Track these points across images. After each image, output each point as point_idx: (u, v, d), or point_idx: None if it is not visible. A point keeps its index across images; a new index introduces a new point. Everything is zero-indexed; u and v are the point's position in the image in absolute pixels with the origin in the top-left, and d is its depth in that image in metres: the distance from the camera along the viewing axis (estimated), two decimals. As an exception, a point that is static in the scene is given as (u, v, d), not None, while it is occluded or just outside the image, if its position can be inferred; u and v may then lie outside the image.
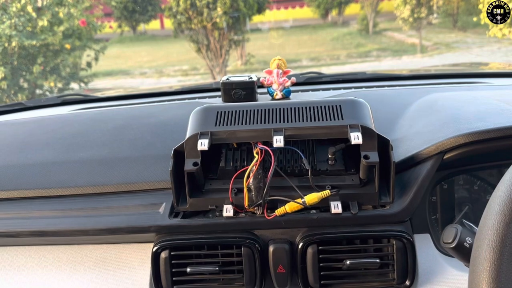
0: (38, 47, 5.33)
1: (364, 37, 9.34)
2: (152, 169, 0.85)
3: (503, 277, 0.47)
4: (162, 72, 8.25)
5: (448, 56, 7.07)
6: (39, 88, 5.59)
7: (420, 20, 7.81)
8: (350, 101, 0.79)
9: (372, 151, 0.73)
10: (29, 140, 0.98)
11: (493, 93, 1.03)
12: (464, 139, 0.74)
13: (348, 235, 0.75)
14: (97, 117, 1.08)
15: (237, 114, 0.78)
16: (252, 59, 7.58)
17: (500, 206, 0.50)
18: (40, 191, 0.84)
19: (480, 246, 0.49)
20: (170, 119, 1.00)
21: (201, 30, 6.46)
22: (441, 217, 0.82)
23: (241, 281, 0.76)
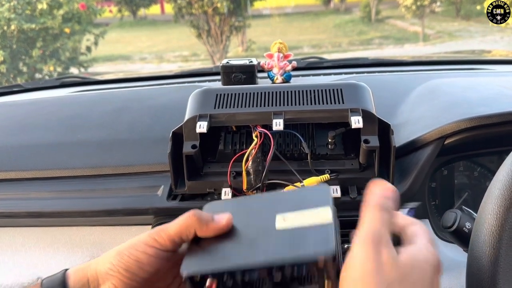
0: (37, 30, 5.28)
1: (366, 24, 9.26)
2: (150, 151, 0.85)
3: (502, 262, 0.47)
4: (162, 57, 8.20)
5: (451, 45, 7.02)
6: (39, 72, 5.56)
7: (423, 8, 7.73)
8: (351, 85, 0.78)
9: (373, 135, 0.73)
10: (27, 121, 0.98)
11: (496, 79, 1.02)
12: (466, 124, 0.73)
13: (347, 219, 0.75)
14: (95, 99, 1.07)
15: (236, 96, 0.77)
16: (253, 46, 7.52)
17: (501, 190, 0.49)
18: (37, 172, 0.84)
19: (480, 230, 0.49)
20: (169, 102, 0.99)
21: (202, 15, 6.40)
22: (441, 203, 0.82)
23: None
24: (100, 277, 0.43)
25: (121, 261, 0.43)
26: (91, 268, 0.44)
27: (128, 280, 0.43)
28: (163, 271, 0.44)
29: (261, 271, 0.39)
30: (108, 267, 0.43)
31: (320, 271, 0.37)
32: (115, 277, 0.43)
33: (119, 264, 0.43)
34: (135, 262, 0.43)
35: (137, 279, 0.43)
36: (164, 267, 0.44)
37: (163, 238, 0.44)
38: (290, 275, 0.38)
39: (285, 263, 0.37)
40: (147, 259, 0.43)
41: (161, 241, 0.44)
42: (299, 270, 0.38)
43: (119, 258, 0.43)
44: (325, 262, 0.35)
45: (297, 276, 0.38)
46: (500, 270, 0.47)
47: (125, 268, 0.43)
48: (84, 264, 0.45)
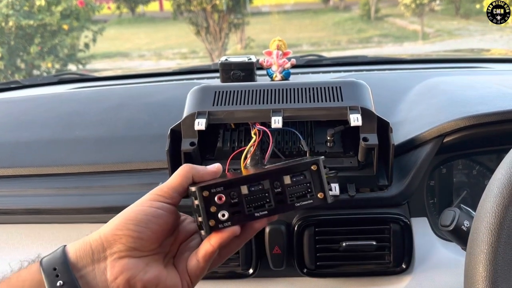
0: (35, 27, 5.26)
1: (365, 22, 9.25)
2: (148, 148, 0.84)
3: (500, 260, 0.47)
4: (160, 54, 8.18)
5: (450, 43, 7.02)
6: (36, 69, 5.54)
7: (423, 6, 7.72)
8: (350, 83, 0.77)
9: (372, 133, 0.73)
10: (24, 118, 0.97)
11: (494, 78, 1.02)
12: (465, 122, 0.73)
13: (345, 217, 0.75)
14: (93, 96, 1.07)
15: (235, 94, 0.77)
16: (252, 43, 7.51)
17: (499, 189, 0.49)
18: (35, 169, 0.83)
19: (478, 228, 0.49)
20: (168, 99, 0.98)
21: (201, 12, 6.38)
22: (439, 202, 0.82)
23: (236, 262, 0.75)
24: (105, 241, 0.43)
25: (129, 218, 0.43)
26: (92, 237, 0.44)
27: (137, 235, 0.42)
28: (168, 225, 0.45)
29: (264, 183, 0.43)
30: (116, 228, 0.43)
31: (314, 173, 0.44)
32: (124, 235, 0.42)
33: (127, 221, 0.43)
34: (144, 216, 0.43)
35: (146, 234, 0.43)
36: (169, 221, 0.45)
37: (166, 191, 0.45)
38: (288, 186, 0.44)
39: (287, 167, 0.44)
40: (155, 212, 0.43)
41: (165, 194, 0.45)
42: (297, 178, 0.44)
43: (126, 216, 0.43)
44: (318, 166, 0.44)
45: (294, 186, 0.44)
46: (499, 268, 0.47)
47: (134, 223, 0.42)
48: (83, 238, 0.45)
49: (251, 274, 0.75)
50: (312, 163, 0.45)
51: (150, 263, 0.43)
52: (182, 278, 0.45)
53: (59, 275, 0.40)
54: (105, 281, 0.41)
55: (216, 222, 0.42)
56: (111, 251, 0.42)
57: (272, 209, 0.44)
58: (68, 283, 0.40)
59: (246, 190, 0.43)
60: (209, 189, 0.43)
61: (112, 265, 0.42)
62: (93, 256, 0.42)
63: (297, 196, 0.45)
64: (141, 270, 0.42)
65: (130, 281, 0.42)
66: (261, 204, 0.44)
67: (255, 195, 0.43)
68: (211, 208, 0.42)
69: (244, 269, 0.75)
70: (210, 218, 0.42)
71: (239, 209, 0.43)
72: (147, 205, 0.44)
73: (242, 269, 0.75)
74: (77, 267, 0.42)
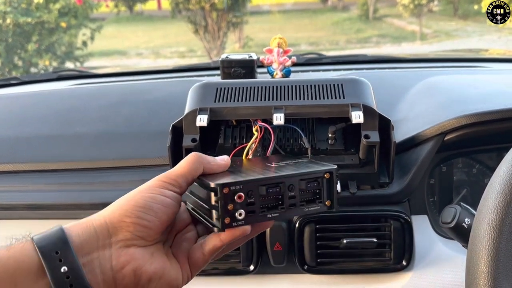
0: (33, 24, 5.24)
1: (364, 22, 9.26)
2: (149, 145, 0.84)
3: (501, 256, 0.48)
4: (158, 53, 8.16)
5: (448, 44, 7.03)
6: (34, 67, 5.52)
7: (421, 7, 7.74)
8: (352, 80, 0.77)
9: (373, 130, 0.73)
10: (24, 114, 0.97)
11: (494, 76, 1.03)
12: (466, 120, 0.73)
13: (346, 214, 0.75)
14: (93, 92, 1.07)
15: (237, 90, 0.77)
16: (250, 42, 7.50)
17: (501, 185, 0.50)
18: (35, 164, 0.83)
19: (480, 225, 0.49)
20: (168, 96, 0.98)
21: (199, 11, 6.37)
22: (439, 200, 0.83)
23: (237, 258, 0.76)
24: (111, 227, 0.40)
25: (138, 205, 0.40)
26: (96, 220, 0.40)
27: (146, 224, 0.40)
28: (174, 215, 0.43)
29: (282, 186, 0.44)
30: (124, 214, 0.40)
31: (327, 181, 0.45)
32: (132, 223, 0.39)
33: (137, 208, 0.40)
34: (154, 204, 0.41)
35: (154, 224, 0.40)
36: (175, 211, 0.43)
37: (175, 179, 0.43)
38: (301, 191, 0.45)
39: (304, 172, 0.45)
40: (164, 201, 0.41)
41: (173, 183, 0.43)
42: (311, 184, 0.45)
43: (135, 203, 0.41)
44: (331, 174, 0.45)
45: (306, 191, 0.45)
46: (500, 265, 0.47)
47: (144, 211, 0.40)
48: (84, 219, 0.41)
49: (251, 270, 0.75)
50: (326, 171, 0.46)
51: (155, 253, 0.42)
52: (182, 269, 0.43)
53: (63, 260, 0.36)
54: (110, 269, 0.39)
55: (231, 220, 0.42)
56: (117, 239, 0.40)
57: (283, 212, 0.44)
58: (73, 270, 0.36)
59: (264, 191, 0.43)
60: (230, 186, 0.42)
61: (118, 254, 0.39)
62: (98, 242, 0.39)
63: (307, 200, 0.45)
64: (147, 261, 0.40)
65: (136, 271, 0.40)
66: (274, 206, 0.44)
67: (270, 196, 0.44)
68: (228, 206, 0.42)
69: (244, 265, 0.75)
70: (226, 215, 0.42)
71: (253, 209, 0.43)
72: (156, 192, 0.42)
73: (242, 266, 0.76)
74: (81, 252, 0.38)
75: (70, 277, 0.36)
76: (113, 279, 0.39)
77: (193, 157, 0.44)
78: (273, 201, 0.44)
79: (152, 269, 0.40)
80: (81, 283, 0.37)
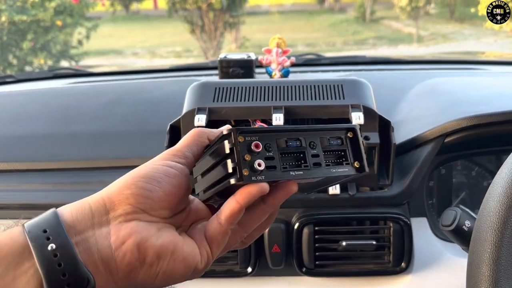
0: (28, 22, 5.21)
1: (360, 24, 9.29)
2: (145, 144, 0.83)
3: (503, 260, 0.47)
4: (154, 53, 8.13)
5: (445, 47, 7.06)
6: (29, 65, 5.48)
7: (418, 9, 7.77)
8: (352, 81, 0.77)
9: (373, 132, 0.72)
10: (19, 112, 0.96)
11: (494, 79, 1.03)
12: (467, 122, 0.73)
13: (345, 216, 0.75)
14: (89, 91, 1.05)
15: (236, 90, 0.76)
16: (247, 43, 7.50)
17: (503, 188, 0.49)
18: (30, 164, 0.82)
19: (481, 228, 0.49)
20: (165, 95, 0.97)
21: (196, 10, 6.36)
22: (438, 202, 0.82)
23: (235, 260, 0.75)
24: (109, 202, 0.35)
25: (138, 175, 0.36)
26: (93, 198, 0.36)
27: (148, 194, 0.35)
28: (181, 189, 0.38)
29: (302, 140, 0.38)
30: (123, 185, 0.36)
31: (351, 140, 0.40)
32: (132, 194, 0.35)
33: (137, 178, 0.36)
34: (156, 173, 0.36)
35: (158, 194, 0.36)
36: (182, 184, 0.38)
37: (179, 149, 0.39)
38: (324, 149, 0.39)
39: (325, 128, 0.40)
40: (167, 171, 0.37)
41: (178, 153, 0.39)
42: (334, 141, 0.40)
43: (136, 173, 0.37)
44: (355, 132, 0.40)
45: (329, 151, 0.40)
46: (502, 268, 0.46)
47: (145, 181, 0.36)
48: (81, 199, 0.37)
49: (249, 272, 0.75)
50: (348, 129, 0.40)
51: (163, 228, 0.36)
52: (200, 246, 0.37)
53: (51, 237, 0.32)
54: (109, 247, 0.34)
55: (250, 173, 0.36)
56: (115, 214, 0.35)
57: (308, 171, 0.38)
58: (62, 248, 0.32)
59: (283, 144, 0.38)
60: (245, 134, 0.36)
61: (117, 229, 0.34)
62: (93, 219, 0.35)
63: (333, 162, 0.40)
64: (153, 234, 0.35)
65: (140, 246, 0.34)
66: (297, 163, 0.38)
67: (291, 152, 0.38)
68: (245, 156, 0.36)
69: (242, 267, 0.75)
70: (244, 166, 0.36)
71: (274, 163, 0.37)
72: (159, 164, 0.37)
73: (240, 268, 0.75)
74: (74, 230, 0.34)
75: (58, 255, 0.32)
76: (113, 257, 0.34)
77: (195, 130, 0.40)
78: (295, 158, 0.38)
79: (160, 242, 0.35)
80: (71, 262, 0.32)
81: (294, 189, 0.38)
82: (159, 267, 0.35)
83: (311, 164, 0.38)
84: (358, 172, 0.40)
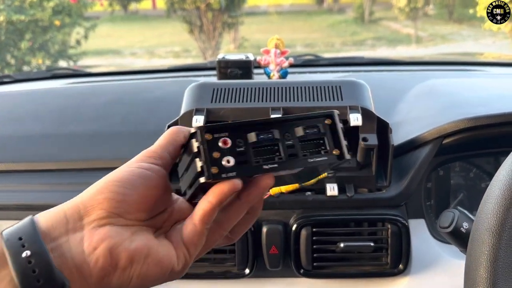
0: (26, 22, 5.19)
1: (359, 25, 9.30)
2: (144, 145, 0.82)
3: (501, 262, 0.47)
4: (153, 53, 8.13)
5: (443, 48, 7.07)
6: (27, 65, 5.47)
7: (417, 10, 7.78)
8: (350, 82, 0.77)
9: (371, 133, 0.72)
10: (17, 112, 0.96)
11: (493, 80, 1.03)
12: (465, 123, 0.73)
13: (343, 217, 0.75)
14: (88, 91, 1.05)
15: (234, 91, 0.76)
16: (245, 43, 7.50)
17: (501, 190, 0.49)
18: (28, 164, 0.82)
19: (479, 230, 0.49)
20: (164, 95, 0.97)
21: (194, 10, 6.36)
22: (436, 204, 0.82)
23: (233, 261, 0.75)
24: (83, 208, 0.36)
25: (111, 179, 0.36)
26: (68, 204, 0.37)
27: (121, 198, 0.35)
28: (158, 190, 0.38)
29: (274, 132, 0.37)
30: (96, 191, 0.36)
31: (329, 127, 0.39)
32: (105, 199, 0.35)
33: (110, 182, 0.36)
34: (129, 177, 0.36)
35: (132, 198, 0.36)
36: (159, 185, 0.38)
37: (155, 151, 0.38)
38: (301, 139, 0.38)
39: (299, 117, 0.39)
40: (142, 173, 0.37)
41: (153, 154, 0.38)
42: (311, 130, 0.38)
43: (109, 178, 0.36)
44: (332, 119, 0.39)
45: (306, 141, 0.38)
46: (499, 270, 0.47)
47: (118, 185, 0.36)
48: (57, 206, 0.37)
49: (247, 274, 0.74)
50: (326, 116, 0.39)
51: (137, 232, 0.36)
52: (177, 248, 0.37)
53: (26, 245, 0.33)
54: (82, 253, 0.34)
55: (220, 170, 0.35)
56: (89, 219, 0.35)
57: (282, 163, 0.37)
58: (37, 254, 0.33)
59: (254, 138, 0.37)
60: (213, 131, 0.36)
61: (90, 234, 0.34)
62: (67, 225, 0.35)
63: (310, 152, 0.38)
64: (126, 239, 0.35)
65: (112, 251, 0.34)
66: (270, 157, 0.37)
67: (263, 145, 0.37)
68: (214, 154, 0.36)
69: (240, 269, 0.75)
70: (213, 164, 0.35)
71: (245, 158, 0.36)
72: (134, 166, 0.37)
73: (238, 269, 0.75)
74: (49, 237, 0.34)
75: (33, 262, 0.32)
76: (86, 263, 0.34)
77: (171, 129, 0.40)
78: (268, 151, 0.37)
79: (133, 247, 0.35)
80: (46, 268, 0.33)
81: (269, 183, 0.38)
82: (133, 271, 0.35)
83: (286, 155, 0.37)
84: (338, 159, 0.38)
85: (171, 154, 0.39)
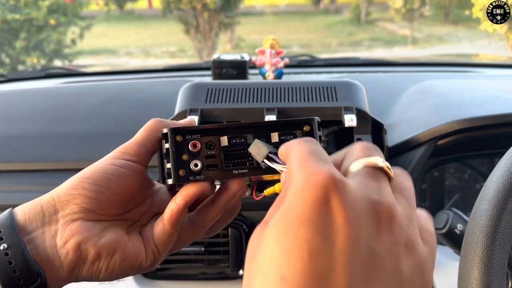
0: (21, 21, 5.17)
1: (356, 26, 9.32)
2: (138, 146, 0.83)
3: (494, 263, 0.47)
4: (148, 52, 8.11)
5: (439, 49, 7.10)
6: (22, 64, 5.44)
7: (413, 11, 7.81)
8: (345, 83, 0.77)
9: (366, 134, 0.72)
10: (10, 112, 0.95)
11: (487, 82, 1.03)
12: (460, 125, 0.73)
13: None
14: (81, 90, 1.04)
15: (228, 92, 0.76)
16: (241, 43, 7.50)
17: (495, 192, 0.49)
18: (20, 164, 0.81)
19: (473, 231, 0.49)
20: (158, 96, 0.97)
21: (191, 10, 6.35)
22: (431, 205, 0.82)
23: (226, 263, 0.74)
24: (58, 202, 0.37)
25: (85, 176, 0.37)
26: (44, 198, 0.38)
27: (94, 195, 0.36)
28: (133, 187, 0.38)
29: (248, 137, 0.36)
30: (70, 187, 0.37)
31: (307, 135, 0.37)
32: (78, 195, 0.36)
33: (83, 179, 0.37)
34: (102, 175, 0.37)
35: (104, 195, 0.37)
36: (134, 182, 0.38)
37: (131, 147, 0.38)
38: (276, 145, 0.35)
39: (276, 123, 0.37)
40: (116, 171, 0.37)
41: (129, 151, 0.38)
42: (287, 137, 0.37)
43: (82, 174, 0.37)
44: (311, 126, 0.37)
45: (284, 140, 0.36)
46: (493, 271, 0.47)
47: (90, 182, 0.36)
48: (35, 199, 0.38)
49: (241, 275, 0.74)
50: (305, 122, 0.37)
51: (109, 228, 0.37)
52: (146, 245, 0.38)
53: (4, 238, 0.35)
54: (54, 246, 0.36)
55: (187, 173, 0.35)
56: (64, 213, 0.37)
57: (253, 169, 0.36)
58: (13, 247, 0.35)
59: (226, 142, 0.36)
60: (184, 133, 0.36)
61: (63, 228, 0.36)
62: (43, 218, 0.37)
63: None
64: (95, 234, 0.36)
65: (81, 246, 0.36)
66: (241, 162, 0.37)
67: (236, 149, 0.36)
68: (183, 156, 0.36)
69: (234, 270, 0.74)
70: (181, 167, 0.36)
71: (215, 162, 0.36)
72: (107, 163, 0.38)
73: (232, 270, 0.74)
74: (25, 230, 0.36)
75: (9, 254, 0.34)
76: (58, 255, 0.36)
77: (151, 122, 0.39)
78: (240, 156, 0.36)
79: (101, 242, 0.36)
80: (22, 260, 0.34)
81: (239, 188, 0.37)
82: (101, 264, 0.37)
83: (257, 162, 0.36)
84: None
85: (148, 149, 0.39)
